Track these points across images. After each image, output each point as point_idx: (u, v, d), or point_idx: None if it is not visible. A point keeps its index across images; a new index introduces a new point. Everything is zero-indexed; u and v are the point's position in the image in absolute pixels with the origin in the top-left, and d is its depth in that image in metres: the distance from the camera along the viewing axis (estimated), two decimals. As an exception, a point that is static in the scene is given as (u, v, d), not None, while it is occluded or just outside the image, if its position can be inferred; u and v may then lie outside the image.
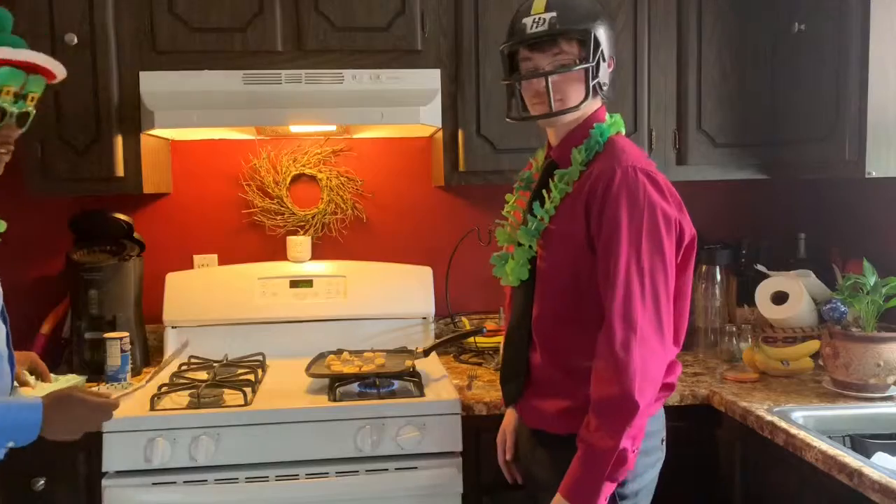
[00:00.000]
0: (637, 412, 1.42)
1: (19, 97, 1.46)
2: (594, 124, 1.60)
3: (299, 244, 2.59)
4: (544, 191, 1.62)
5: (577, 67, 1.55)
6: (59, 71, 1.53)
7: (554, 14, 1.54)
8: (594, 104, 1.62)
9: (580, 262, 1.54)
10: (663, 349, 1.48)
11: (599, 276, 1.50)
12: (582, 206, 1.53)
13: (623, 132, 1.65)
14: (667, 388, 1.60)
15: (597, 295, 1.51)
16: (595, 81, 1.57)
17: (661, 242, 1.48)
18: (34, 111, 1.50)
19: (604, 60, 1.58)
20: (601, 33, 1.56)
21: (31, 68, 1.47)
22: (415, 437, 1.95)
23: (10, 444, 1.46)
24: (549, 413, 1.61)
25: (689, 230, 1.56)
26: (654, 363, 1.46)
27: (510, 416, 1.84)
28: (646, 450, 1.56)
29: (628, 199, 1.48)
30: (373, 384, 2.08)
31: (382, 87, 2.19)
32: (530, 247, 1.62)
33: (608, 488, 1.46)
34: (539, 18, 1.55)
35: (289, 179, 2.63)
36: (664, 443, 1.67)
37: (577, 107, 1.57)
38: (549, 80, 1.55)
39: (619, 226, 1.47)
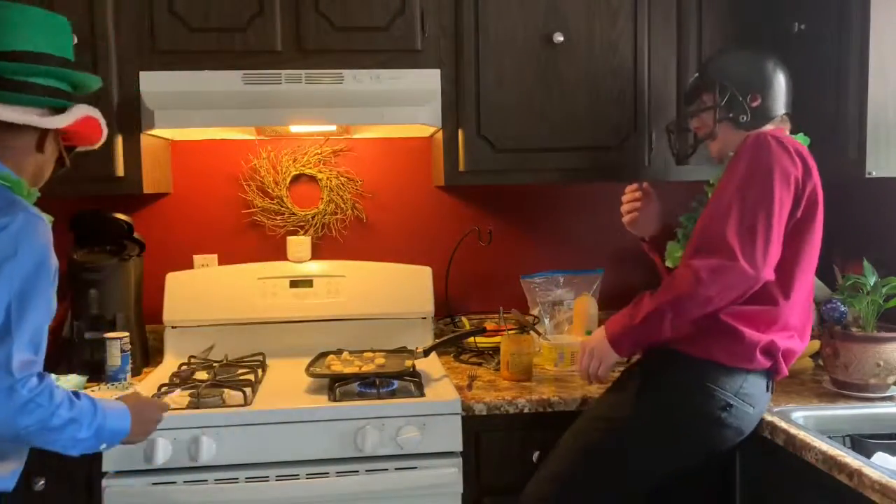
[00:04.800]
0: (686, 291, 1.67)
1: None
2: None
3: (299, 244, 2.59)
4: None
5: (708, 109, 1.93)
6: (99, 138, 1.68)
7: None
8: (735, 133, 1.88)
9: None
10: (750, 266, 1.65)
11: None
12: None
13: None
14: (734, 336, 1.72)
15: None
16: (726, 116, 1.89)
17: (772, 187, 1.68)
18: None
19: (742, 98, 1.87)
20: (734, 79, 1.88)
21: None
22: (415, 437, 1.95)
23: (103, 447, 1.52)
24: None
25: (818, 192, 1.78)
26: (730, 273, 1.66)
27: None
28: (701, 384, 1.73)
29: (751, 152, 1.73)
30: (373, 384, 2.08)
31: (382, 87, 2.19)
32: None
33: (635, 335, 1.77)
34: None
35: (289, 179, 2.64)
36: (728, 411, 1.74)
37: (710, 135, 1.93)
38: (693, 124, 2.00)
39: (736, 170, 1.73)
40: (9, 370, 1.33)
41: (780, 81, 1.90)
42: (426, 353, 2.31)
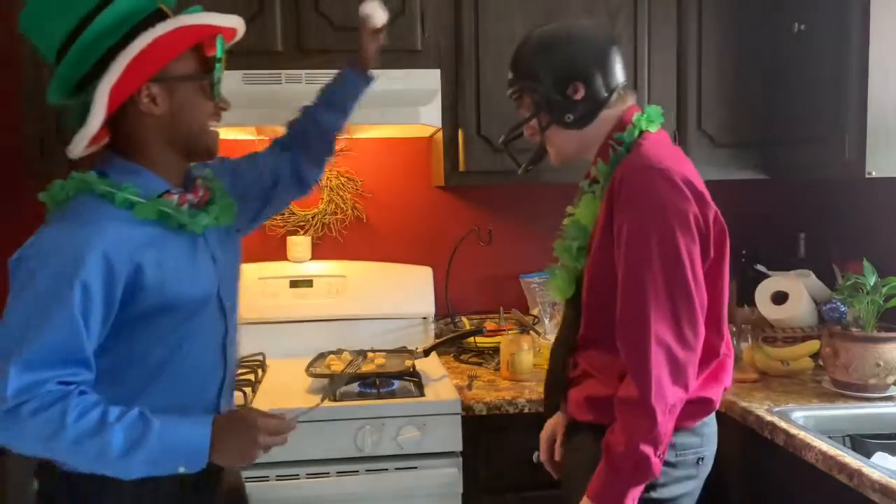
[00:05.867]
0: (653, 417, 1.38)
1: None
2: (614, 135, 1.56)
3: (299, 244, 2.59)
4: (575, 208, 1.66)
5: (527, 121, 1.62)
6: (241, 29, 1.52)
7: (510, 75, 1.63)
8: (567, 133, 1.60)
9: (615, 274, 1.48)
10: (687, 352, 1.42)
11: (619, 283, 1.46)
12: (607, 213, 1.49)
13: (654, 127, 1.57)
14: (703, 403, 1.53)
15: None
16: (551, 121, 1.58)
17: (677, 245, 1.41)
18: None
19: (561, 96, 1.55)
20: (543, 79, 1.56)
21: (229, 35, 1.47)
22: (415, 437, 1.95)
23: (182, 470, 1.30)
24: (577, 400, 1.59)
25: (718, 222, 1.50)
26: (674, 370, 1.41)
27: (557, 417, 1.76)
28: (673, 462, 1.52)
29: (639, 200, 1.44)
30: (373, 384, 2.09)
31: (382, 87, 2.17)
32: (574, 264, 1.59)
33: (634, 493, 1.42)
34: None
35: (289, 179, 2.63)
36: (701, 463, 1.58)
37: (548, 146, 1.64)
38: (525, 133, 1.66)
39: (629, 229, 1.43)
40: (3, 397, 1.21)
41: (604, 56, 1.56)
42: (426, 353, 2.31)
